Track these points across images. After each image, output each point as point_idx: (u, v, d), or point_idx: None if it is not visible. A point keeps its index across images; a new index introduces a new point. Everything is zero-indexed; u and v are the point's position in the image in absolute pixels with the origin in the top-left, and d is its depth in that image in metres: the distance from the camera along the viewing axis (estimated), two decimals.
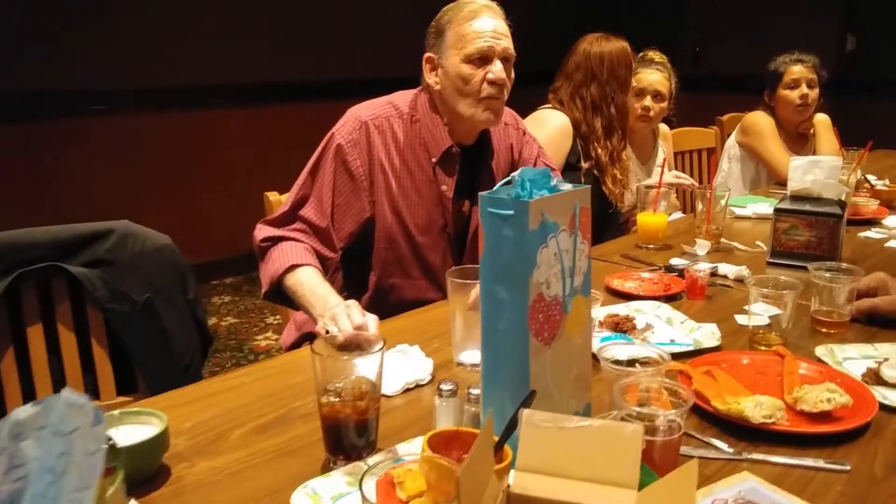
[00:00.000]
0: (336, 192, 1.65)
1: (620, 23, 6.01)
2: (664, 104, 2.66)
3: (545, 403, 0.96)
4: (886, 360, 1.28)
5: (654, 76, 2.63)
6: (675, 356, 1.32)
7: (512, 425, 0.86)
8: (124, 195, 4.12)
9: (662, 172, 2.20)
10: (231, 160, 4.56)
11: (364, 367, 0.96)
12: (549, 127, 2.34)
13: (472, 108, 1.63)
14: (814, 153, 3.15)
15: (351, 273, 1.75)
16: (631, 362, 1.16)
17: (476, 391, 1.01)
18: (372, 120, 1.68)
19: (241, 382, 1.21)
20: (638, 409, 0.97)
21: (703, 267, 1.68)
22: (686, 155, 3.28)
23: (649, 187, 2.17)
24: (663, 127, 2.84)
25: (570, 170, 2.33)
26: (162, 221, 4.21)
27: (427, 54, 1.69)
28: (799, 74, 3.06)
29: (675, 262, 1.85)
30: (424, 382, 1.21)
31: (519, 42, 1.68)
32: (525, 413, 0.80)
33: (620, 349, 1.16)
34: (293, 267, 1.54)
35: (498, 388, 0.96)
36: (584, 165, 2.35)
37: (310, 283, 1.50)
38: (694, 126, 3.42)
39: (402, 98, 1.74)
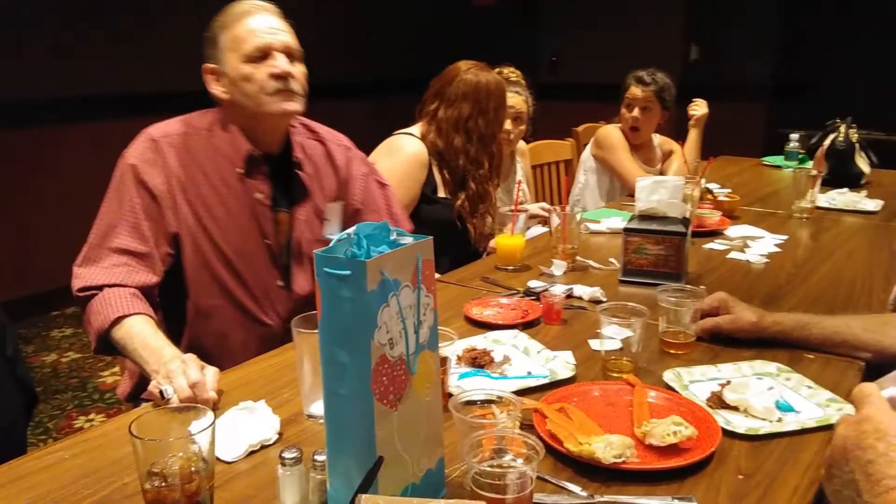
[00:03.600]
0: (144, 214, 1.55)
1: (478, 33, 6.11)
2: (523, 126, 2.70)
3: (395, 467, 0.91)
4: (729, 382, 1.33)
5: (514, 98, 2.65)
6: (532, 390, 1.32)
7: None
8: None
9: (518, 190, 2.21)
10: (69, 179, 4.22)
11: (193, 442, 0.88)
12: (403, 155, 2.29)
13: (264, 105, 1.58)
14: (661, 168, 3.31)
15: (166, 301, 1.64)
16: (487, 402, 1.15)
17: (321, 457, 0.95)
18: (163, 138, 1.60)
19: (60, 459, 1.08)
20: (489, 465, 0.95)
21: (558, 291, 1.69)
22: (544, 168, 3.35)
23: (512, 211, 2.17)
24: (520, 143, 2.87)
25: (426, 202, 2.29)
26: None
27: (206, 65, 1.63)
28: (633, 96, 3.18)
29: (533, 284, 1.86)
30: (271, 443, 1.13)
31: (379, 53, 1.63)
32: (363, 499, 0.75)
33: (476, 393, 1.14)
34: (119, 319, 1.41)
35: (343, 456, 0.91)
36: (456, 201, 2.31)
37: (141, 335, 1.38)
38: (553, 135, 3.50)
39: (198, 116, 1.67)
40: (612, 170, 3.20)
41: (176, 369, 1.20)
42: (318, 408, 1.20)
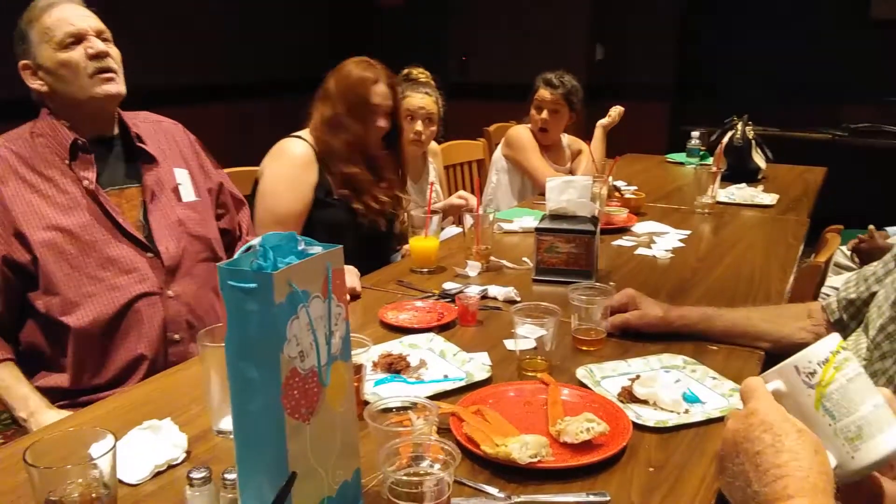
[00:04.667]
0: None
1: (388, 33, 6.09)
2: (434, 127, 2.70)
3: (309, 481, 0.89)
4: (638, 376, 1.37)
5: (424, 99, 2.65)
6: (449, 393, 1.33)
7: None
8: None
9: (431, 192, 2.21)
10: None
11: (94, 467, 0.84)
12: (288, 159, 2.24)
13: (88, 89, 1.62)
14: (571, 167, 3.38)
15: (31, 313, 1.60)
16: (404, 408, 1.14)
17: (231, 476, 0.92)
18: None
19: None
20: (405, 473, 0.94)
21: (473, 293, 1.70)
22: (457, 168, 3.37)
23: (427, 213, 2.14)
24: (432, 144, 2.88)
25: (321, 206, 2.24)
26: None
27: (21, 62, 1.64)
28: (541, 99, 3.24)
29: (449, 286, 1.86)
30: (178, 462, 1.09)
31: (287, 54, 1.61)
32: None
33: (392, 400, 1.13)
34: None
35: (255, 474, 0.88)
36: (344, 193, 2.25)
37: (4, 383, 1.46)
38: (464, 135, 3.52)
39: (17, 129, 1.68)
40: (523, 169, 3.25)
41: None
42: (228, 423, 1.15)
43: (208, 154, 1.93)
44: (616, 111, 3.47)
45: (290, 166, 2.22)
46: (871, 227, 2.75)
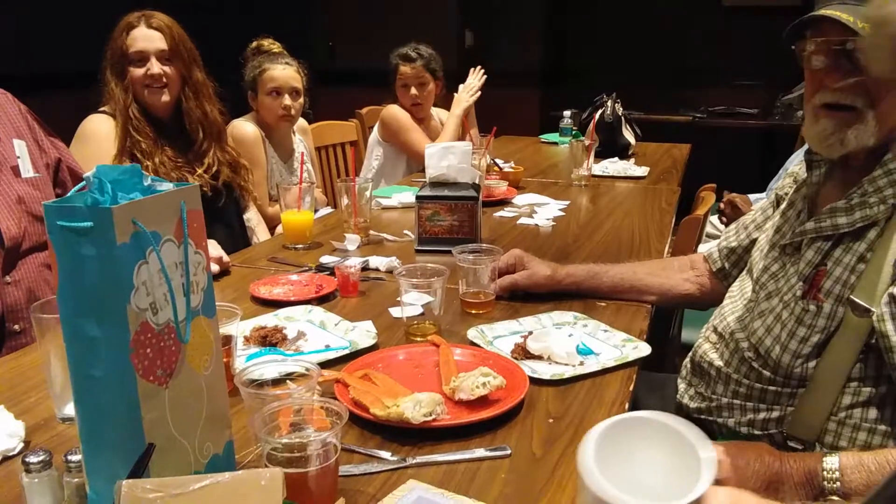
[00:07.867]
0: None
1: (253, 18, 5.84)
2: (301, 100, 2.57)
3: (171, 455, 0.77)
4: (531, 333, 1.31)
5: (287, 72, 2.52)
6: (332, 362, 1.22)
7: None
8: None
9: (302, 168, 2.09)
10: None
11: None
12: (93, 139, 2.02)
13: None
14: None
15: None
16: (282, 379, 1.04)
17: (76, 457, 0.78)
18: None
19: None
20: (287, 438, 0.84)
21: (354, 263, 1.60)
22: (330, 149, 3.24)
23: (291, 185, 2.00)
24: (301, 121, 2.74)
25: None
26: None
27: None
28: (405, 75, 3.17)
29: (326, 259, 1.75)
30: (14, 452, 0.93)
31: None
32: (124, 485, 0.61)
33: (268, 367, 1.02)
34: None
35: (104, 450, 0.74)
36: (154, 159, 2.02)
37: None
38: (334, 120, 3.39)
39: None
40: (405, 149, 3.14)
41: None
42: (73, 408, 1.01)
43: (42, 125, 1.70)
44: (468, 86, 3.16)
45: (97, 143, 2.01)
46: (731, 195, 2.84)
